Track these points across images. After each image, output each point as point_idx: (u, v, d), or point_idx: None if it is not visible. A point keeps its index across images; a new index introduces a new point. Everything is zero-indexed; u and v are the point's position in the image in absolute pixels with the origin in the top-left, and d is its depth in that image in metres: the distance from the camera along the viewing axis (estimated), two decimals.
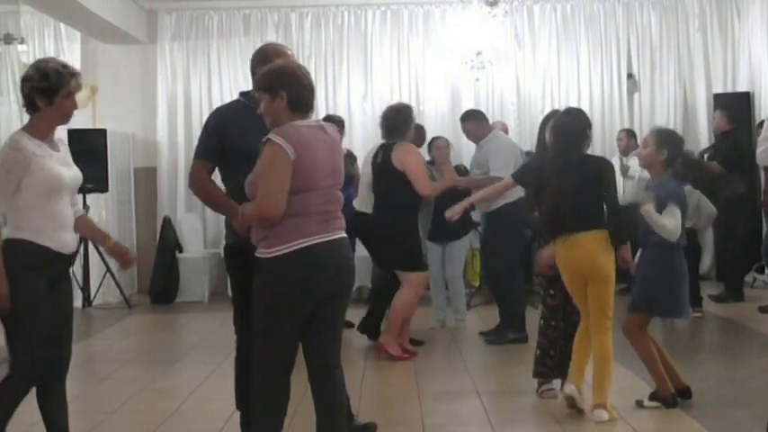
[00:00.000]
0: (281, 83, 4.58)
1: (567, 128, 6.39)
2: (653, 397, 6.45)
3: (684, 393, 6.49)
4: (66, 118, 5.01)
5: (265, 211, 4.43)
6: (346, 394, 4.91)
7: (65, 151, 5.09)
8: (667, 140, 6.52)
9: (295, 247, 4.46)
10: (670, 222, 6.27)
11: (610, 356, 6.27)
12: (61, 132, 10.35)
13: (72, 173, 5.08)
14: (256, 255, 4.57)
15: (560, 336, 6.76)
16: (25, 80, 4.92)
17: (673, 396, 6.39)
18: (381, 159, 8.50)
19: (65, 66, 4.99)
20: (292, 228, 4.47)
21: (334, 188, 4.63)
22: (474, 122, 9.51)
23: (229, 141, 5.25)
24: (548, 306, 6.82)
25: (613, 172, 6.54)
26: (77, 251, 5.10)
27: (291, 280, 4.49)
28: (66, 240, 4.96)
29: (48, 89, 4.86)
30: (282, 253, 4.46)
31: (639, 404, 6.47)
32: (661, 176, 6.48)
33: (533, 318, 9.07)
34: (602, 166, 6.40)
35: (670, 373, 6.46)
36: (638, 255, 6.64)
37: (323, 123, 4.73)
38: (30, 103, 4.92)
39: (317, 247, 4.49)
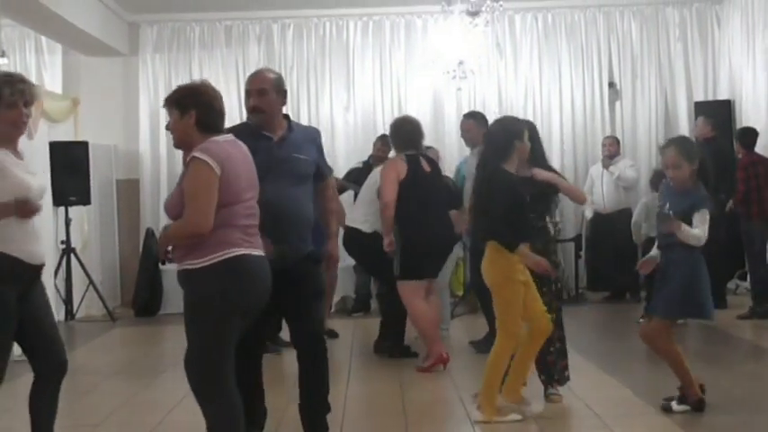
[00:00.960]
0: (193, 102, 4.67)
1: (491, 138, 6.51)
2: (681, 401, 6.43)
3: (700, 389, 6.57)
4: (15, 128, 4.96)
5: (197, 227, 4.47)
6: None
7: (26, 160, 5.10)
8: (690, 151, 6.65)
9: (223, 257, 4.49)
10: (702, 230, 6.41)
11: (500, 362, 6.37)
12: (43, 144, 10.34)
13: (38, 181, 5.08)
14: (178, 270, 4.60)
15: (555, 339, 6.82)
16: None
17: (701, 400, 6.40)
18: (434, 170, 8.57)
19: (7, 75, 5.01)
20: (218, 239, 4.49)
21: (253, 200, 4.71)
22: (475, 122, 9.41)
23: None
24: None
25: (500, 181, 6.33)
26: (44, 264, 5.10)
27: (220, 289, 4.49)
28: (35, 251, 4.97)
29: None
30: (211, 263, 4.48)
31: (667, 409, 6.42)
32: (689, 187, 6.55)
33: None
34: (490, 176, 6.35)
35: None
36: (642, 257, 6.73)
37: (235, 138, 4.77)
38: None
39: (244, 258, 4.54)
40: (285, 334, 9.53)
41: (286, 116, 5.80)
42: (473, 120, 9.52)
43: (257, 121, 5.68)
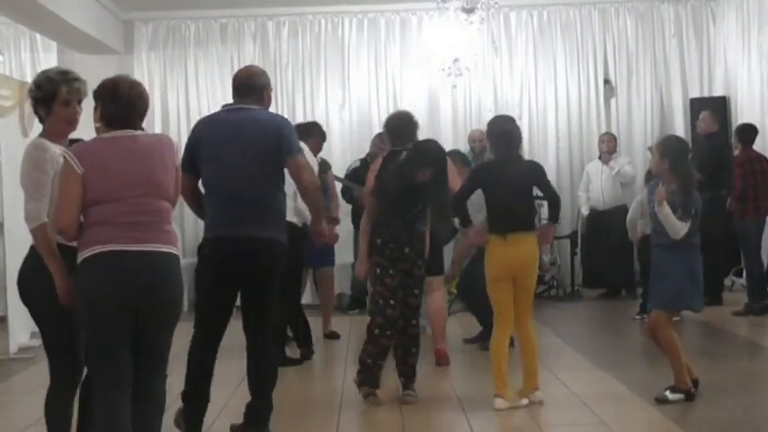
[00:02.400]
0: (98, 96, 4.73)
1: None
2: (675, 390, 6.62)
3: (694, 384, 6.75)
4: (67, 125, 5.08)
5: (55, 222, 4.60)
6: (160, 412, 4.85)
7: None
8: (667, 149, 6.80)
9: (89, 254, 4.52)
10: (682, 224, 6.64)
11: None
12: None
13: None
14: None
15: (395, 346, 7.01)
16: (29, 93, 5.09)
17: (689, 391, 6.63)
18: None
19: (62, 72, 5.11)
20: (90, 236, 4.54)
21: (141, 197, 4.59)
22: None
23: (203, 153, 5.73)
24: (387, 316, 6.86)
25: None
26: None
27: (89, 286, 4.53)
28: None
29: (42, 98, 5.00)
30: (81, 259, 4.55)
31: (662, 399, 6.58)
32: (672, 183, 6.70)
33: None
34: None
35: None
36: (638, 254, 6.86)
37: (134, 133, 4.69)
38: (36, 114, 5.10)
39: (111, 255, 4.50)
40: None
41: None
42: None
43: None
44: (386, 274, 6.83)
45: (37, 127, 9.10)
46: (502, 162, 6.85)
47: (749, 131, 11.00)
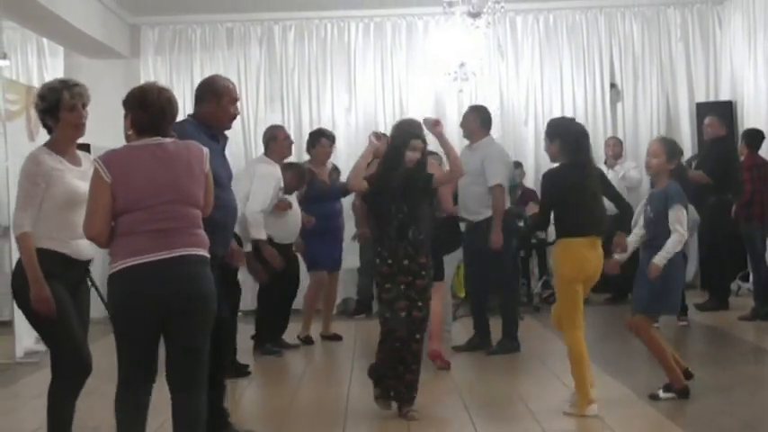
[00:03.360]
0: (128, 104, 4.78)
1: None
2: (667, 389, 6.76)
3: (686, 374, 6.91)
4: (75, 130, 5.22)
5: (86, 231, 4.66)
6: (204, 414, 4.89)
7: (87, 166, 5.21)
8: (674, 152, 6.94)
9: (123, 266, 4.56)
10: (678, 234, 6.73)
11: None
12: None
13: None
14: None
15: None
16: (35, 107, 5.22)
17: (685, 387, 6.76)
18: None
19: (62, 81, 5.26)
20: (121, 247, 4.59)
21: (170, 204, 4.61)
22: (477, 116, 9.36)
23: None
24: (387, 330, 6.69)
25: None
26: (92, 259, 5.42)
27: (122, 296, 4.59)
28: (81, 247, 5.18)
29: (48, 109, 5.15)
30: (114, 271, 4.59)
31: (654, 397, 6.73)
32: (665, 184, 6.87)
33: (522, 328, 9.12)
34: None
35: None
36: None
37: (162, 140, 4.71)
38: (44, 125, 5.23)
39: (143, 267, 4.53)
40: (286, 336, 9.59)
41: None
42: (475, 113, 9.48)
43: (226, 128, 6.08)
44: (382, 288, 6.71)
45: (44, 131, 9.10)
46: (583, 163, 6.76)
47: (757, 136, 10.99)
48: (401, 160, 6.70)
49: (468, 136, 9.38)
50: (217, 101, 5.98)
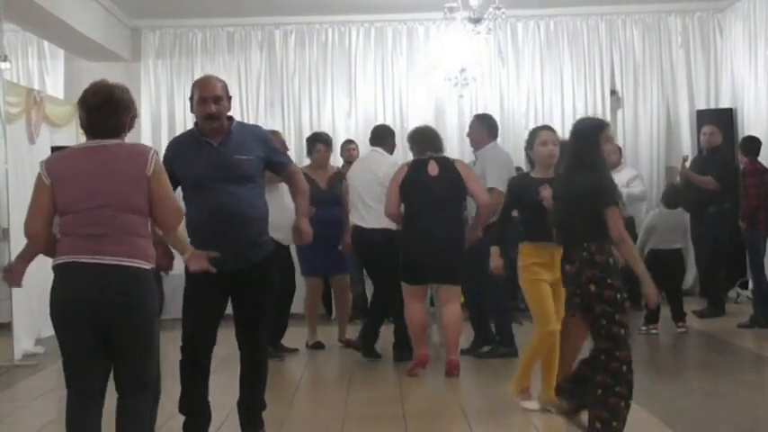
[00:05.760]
0: (79, 105, 4.70)
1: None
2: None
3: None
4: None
5: (24, 231, 4.70)
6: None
7: None
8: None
9: (54, 264, 4.59)
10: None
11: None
12: (45, 149, 10.33)
13: None
14: None
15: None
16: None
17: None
18: (443, 172, 8.32)
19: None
20: (60, 246, 4.60)
21: (102, 209, 4.52)
22: (483, 125, 9.30)
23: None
24: (612, 335, 5.65)
25: None
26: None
27: (52, 295, 4.58)
28: None
29: None
30: (52, 266, 4.61)
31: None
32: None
33: (522, 333, 9.11)
34: None
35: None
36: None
37: (102, 143, 4.61)
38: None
39: (68, 266, 4.52)
40: (287, 341, 9.58)
41: (230, 117, 5.86)
42: (479, 121, 9.40)
43: (211, 127, 5.71)
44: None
45: (43, 134, 9.10)
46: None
47: (753, 143, 10.98)
48: None
49: (474, 145, 9.39)
50: (192, 101, 5.81)
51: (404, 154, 10.42)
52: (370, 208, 9.01)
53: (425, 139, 8.57)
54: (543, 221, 6.42)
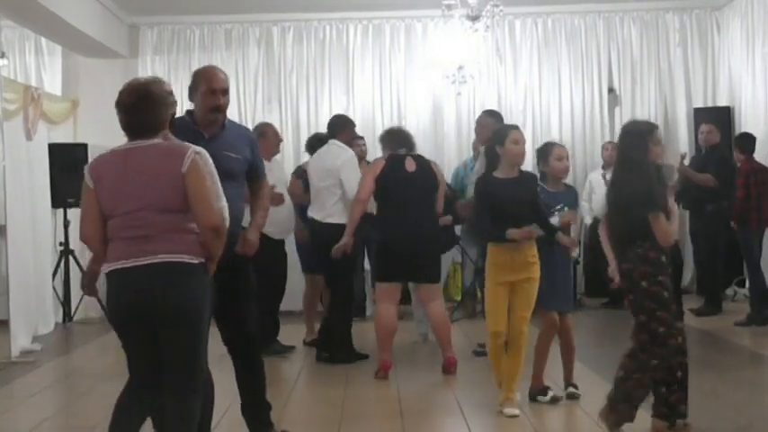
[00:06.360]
0: (116, 106, 4.67)
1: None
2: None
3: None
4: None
5: (80, 236, 4.76)
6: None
7: None
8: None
9: (105, 271, 4.60)
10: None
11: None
12: (42, 146, 10.31)
13: None
14: None
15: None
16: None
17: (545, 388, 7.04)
18: (420, 170, 8.30)
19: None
20: (108, 253, 4.60)
21: (140, 212, 4.50)
22: (493, 120, 9.02)
23: None
24: (650, 330, 5.87)
25: None
26: None
27: (107, 300, 4.63)
28: None
29: None
30: (104, 275, 4.64)
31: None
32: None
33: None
34: None
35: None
36: None
37: (138, 144, 4.59)
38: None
39: (117, 272, 4.53)
40: (284, 338, 9.57)
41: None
42: (492, 118, 9.16)
43: (212, 119, 5.67)
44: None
45: (40, 131, 9.11)
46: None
47: (748, 140, 10.99)
48: None
49: (483, 141, 9.29)
50: (195, 92, 5.74)
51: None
52: (325, 202, 8.96)
53: (397, 139, 8.50)
54: (504, 223, 6.52)
